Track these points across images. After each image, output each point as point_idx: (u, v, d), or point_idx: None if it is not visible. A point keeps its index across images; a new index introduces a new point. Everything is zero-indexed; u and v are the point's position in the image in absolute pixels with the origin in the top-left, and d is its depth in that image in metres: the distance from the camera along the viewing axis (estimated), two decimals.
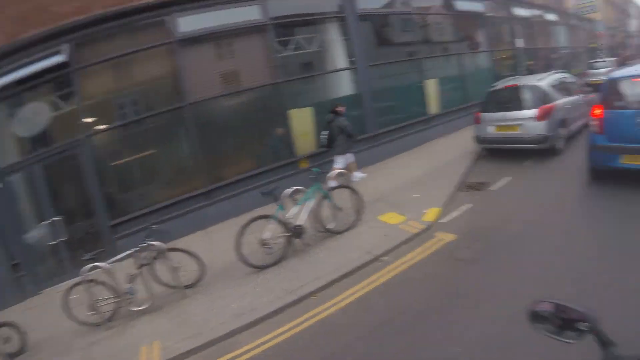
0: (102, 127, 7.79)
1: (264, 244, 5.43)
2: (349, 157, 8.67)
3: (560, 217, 5.76)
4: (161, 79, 8.17)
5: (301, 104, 8.94)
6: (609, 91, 6.45)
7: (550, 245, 4.93)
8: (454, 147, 10.62)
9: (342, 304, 4.39)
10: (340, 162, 8.49)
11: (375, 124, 10.28)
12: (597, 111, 6.35)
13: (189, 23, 7.88)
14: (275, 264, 5.45)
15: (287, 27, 9.24)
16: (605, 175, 6.42)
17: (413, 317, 3.97)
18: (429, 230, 5.94)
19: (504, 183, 7.51)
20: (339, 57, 10.05)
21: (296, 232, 5.67)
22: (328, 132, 8.38)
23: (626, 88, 6.35)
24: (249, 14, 8.39)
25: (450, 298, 4.20)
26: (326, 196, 6.12)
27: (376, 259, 5.28)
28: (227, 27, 8.26)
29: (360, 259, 5.24)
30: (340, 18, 9.87)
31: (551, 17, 22.67)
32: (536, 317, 1.34)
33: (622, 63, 19.76)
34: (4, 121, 7.77)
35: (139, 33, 7.80)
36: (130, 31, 7.72)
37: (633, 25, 69.58)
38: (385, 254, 5.38)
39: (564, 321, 1.28)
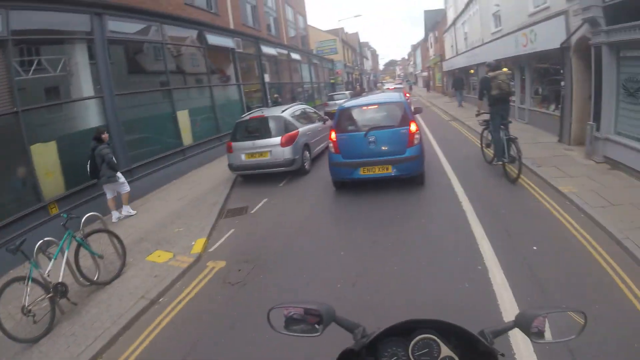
0: None
1: (26, 311, 4.48)
2: (120, 189, 8.37)
3: (313, 225, 7.09)
4: None
5: (45, 137, 7.77)
6: (340, 118, 8.13)
7: (309, 251, 5.99)
8: (212, 177, 11.26)
9: (131, 359, 4.19)
10: (110, 192, 8.29)
11: (129, 157, 9.81)
12: (333, 135, 7.95)
13: None
14: (47, 332, 4.57)
15: (31, 44, 7.93)
16: (346, 185, 8.37)
17: (202, 351, 4.09)
18: (199, 262, 6.12)
19: (261, 205, 8.49)
20: (86, 83, 9.18)
21: (58, 291, 4.83)
22: (90, 161, 7.82)
23: (356, 115, 8.17)
24: None
25: (231, 323, 4.44)
26: (82, 244, 5.46)
27: (153, 302, 5.12)
28: None
29: (136, 306, 4.98)
30: (89, 40, 9.12)
31: (296, 56, 26.09)
32: (290, 321, 1.41)
33: (356, 95, 24.31)
34: None
35: None
36: None
37: (368, 64, 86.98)
38: (161, 295, 5.28)
39: (320, 318, 1.37)
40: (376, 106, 8.32)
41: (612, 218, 5.69)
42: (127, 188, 8.44)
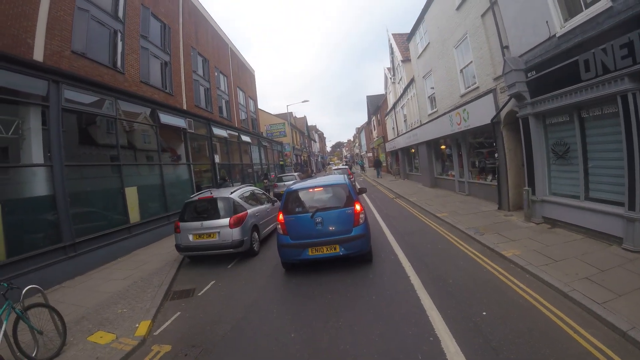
0: None
1: None
2: None
3: (263, 308, 6.86)
4: None
5: None
6: (288, 200, 8.45)
7: (259, 334, 5.80)
8: (158, 256, 11.09)
9: None
10: None
11: (73, 231, 9.62)
12: (281, 217, 8.19)
13: None
14: None
15: None
16: (296, 266, 8.55)
17: None
18: (143, 345, 5.84)
19: (209, 287, 8.31)
20: (37, 149, 9.10)
21: None
22: None
23: (302, 197, 8.46)
24: None
25: None
26: (22, 317, 5.15)
27: None
28: None
29: None
30: (45, 106, 9.23)
31: (247, 138, 26.97)
32: None
33: (305, 177, 24.93)
34: None
35: None
36: None
37: (316, 147, 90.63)
38: None
39: None
40: (322, 188, 8.62)
41: (556, 273, 6.27)
42: None
